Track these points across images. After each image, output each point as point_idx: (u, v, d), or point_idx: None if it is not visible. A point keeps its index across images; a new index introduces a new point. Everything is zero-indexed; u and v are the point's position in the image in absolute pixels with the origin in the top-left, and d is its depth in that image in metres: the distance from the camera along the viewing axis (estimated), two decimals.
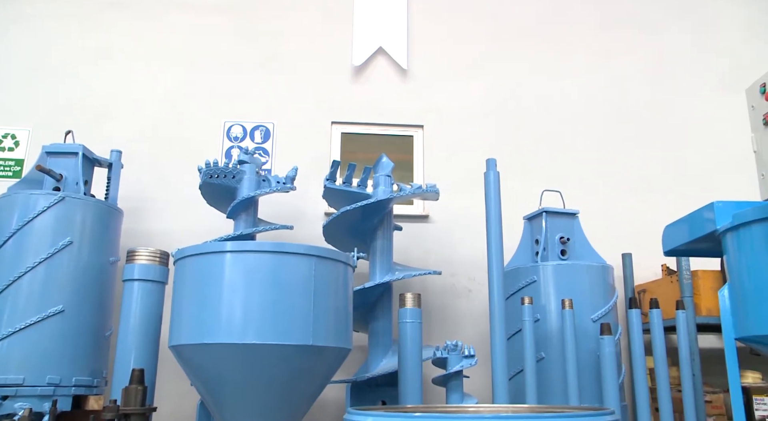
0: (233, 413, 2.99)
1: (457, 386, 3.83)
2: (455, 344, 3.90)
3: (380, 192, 4.45)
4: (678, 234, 3.28)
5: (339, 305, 3.21)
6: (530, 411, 2.74)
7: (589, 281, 4.40)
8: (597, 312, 4.30)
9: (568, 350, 4.03)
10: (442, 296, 5.19)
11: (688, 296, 4.40)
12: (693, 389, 4.14)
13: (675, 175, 5.61)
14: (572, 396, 3.96)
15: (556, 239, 4.57)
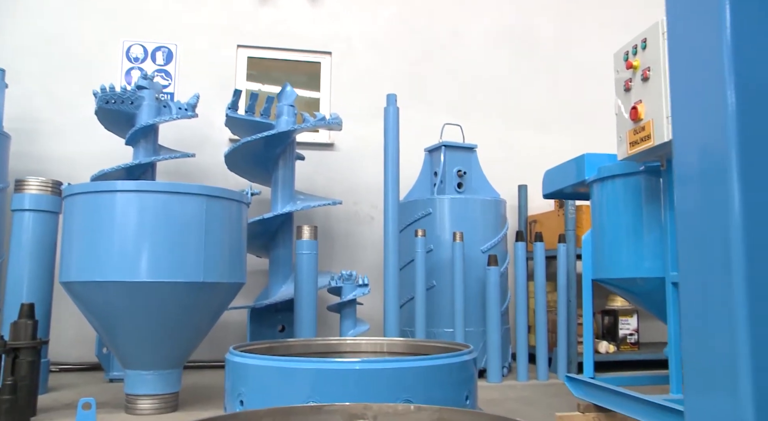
0: (126, 346, 3.10)
1: (350, 313, 4.08)
2: (350, 274, 4.11)
3: (283, 122, 4.46)
4: (555, 179, 3.51)
5: (232, 242, 3.30)
6: (404, 346, 2.99)
7: (482, 214, 4.65)
8: (487, 244, 4.59)
9: (456, 280, 4.32)
10: (346, 223, 5.36)
11: (571, 230, 4.74)
12: (567, 312, 4.57)
13: (575, 112, 5.85)
14: (458, 321, 4.30)
15: (454, 172, 4.76)
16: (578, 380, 3.09)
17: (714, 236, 0.65)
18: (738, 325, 0.59)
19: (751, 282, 0.59)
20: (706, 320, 0.66)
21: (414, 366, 2.24)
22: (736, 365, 0.58)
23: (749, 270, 0.59)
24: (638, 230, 2.82)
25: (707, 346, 0.65)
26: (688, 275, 0.69)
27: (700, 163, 0.70)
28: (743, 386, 0.57)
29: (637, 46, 2.54)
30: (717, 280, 0.64)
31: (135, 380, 3.11)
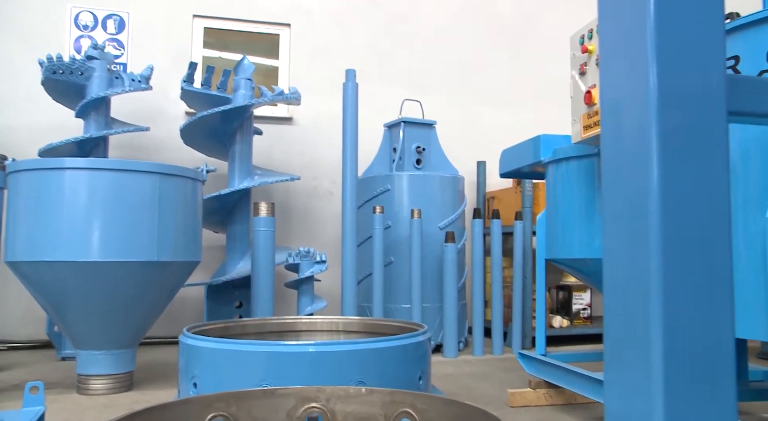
0: (77, 326, 3.05)
1: (307, 289, 4.07)
2: (307, 251, 4.10)
3: (240, 97, 4.38)
4: (512, 159, 3.53)
5: (187, 220, 3.25)
6: (359, 325, 3.01)
7: (441, 190, 4.68)
8: (445, 220, 4.62)
9: (414, 256, 4.35)
10: (305, 198, 5.33)
11: (528, 207, 4.80)
12: (522, 288, 4.66)
13: (536, 88, 5.88)
14: (415, 297, 4.34)
15: (413, 149, 4.76)
16: (530, 357, 3.17)
17: (634, 218, 0.66)
18: (652, 307, 0.61)
19: (667, 265, 0.60)
20: (624, 301, 0.67)
21: (368, 348, 2.25)
22: (649, 345, 0.60)
23: (665, 255, 0.60)
24: (590, 211, 2.87)
25: (624, 325, 0.67)
26: (610, 255, 0.71)
27: (624, 147, 0.71)
28: (655, 365, 0.59)
29: (593, 31, 2.56)
30: (635, 262, 0.65)
31: (87, 360, 3.07)
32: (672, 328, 0.62)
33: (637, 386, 0.65)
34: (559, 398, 2.99)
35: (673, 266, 0.62)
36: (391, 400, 2.01)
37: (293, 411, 2.00)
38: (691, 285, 0.63)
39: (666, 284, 0.63)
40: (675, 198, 0.63)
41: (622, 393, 0.68)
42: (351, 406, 2.03)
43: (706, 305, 0.64)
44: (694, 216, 0.63)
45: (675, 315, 0.63)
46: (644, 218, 0.64)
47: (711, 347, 0.63)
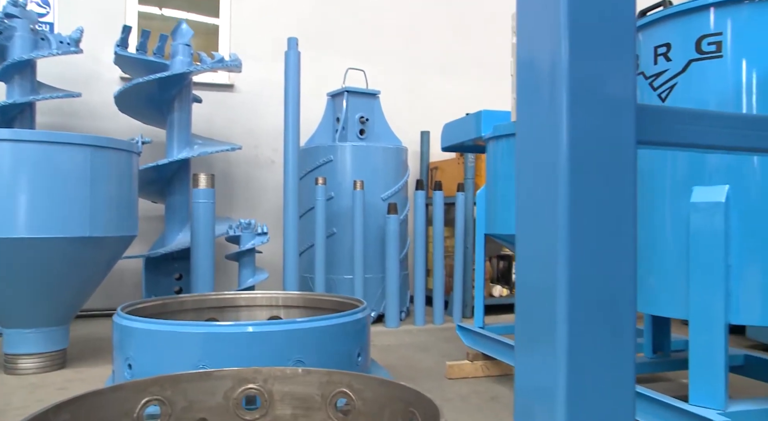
0: (3, 304, 2.94)
1: (249, 262, 4.04)
2: (248, 223, 4.05)
3: (178, 63, 4.22)
4: (454, 134, 3.55)
5: (121, 194, 3.15)
6: (300, 300, 3.01)
7: (384, 161, 4.67)
8: (387, 191, 4.63)
9: (356, 227, 4.35)
10: (246, 167, 5.24)
11: (470, 178, 4.85)
12: (464, 259, 4.74)
13: (481, 59, 5.88)
14: (358, 268, 4.36)
15: (356, 119, 4.71)
16: (468, 330, 3.24)
17: (543, 194, 0.67)
18: (558, 285, 0.62)
19: (573, 244, 0.61)
20: (533, 279, 0.69)
21: (306, 327, 2.26)
22: (555, 324, 0.62)
23: (572, 235, 0.61)
24: None
25: (533, 303, 0.69)
26: (521, 234, 0.71)
27: (533, 125, 0.71)
28: (560, 345, 0.61)
29: None
30: (544, 241, 0.67)
31: (15, 338, 2.97)
32: (576, 310, 0.63)
33: (544, 368, 0.67)
34: (495, 370, 3.08)
35: (580, 248, 0.64)
36: (329, 380, 2.03)
37: (230, 393, 1.99)
38: (596, 267, 0.64)
39: (572, 264, 0.64)
40: (582, 177, 0.63)
41: (530, 369, 0.69)
42: (288, 386, 2.04)
43: (611, 290, 0.65)
44: (600, 194, 0.63)
45: (580, 299, 0.64)
46: (552, 197, 0.64)
47: (614, 325, 0.65)
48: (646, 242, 2.14)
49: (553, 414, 0.63)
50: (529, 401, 0.68)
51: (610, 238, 0.63)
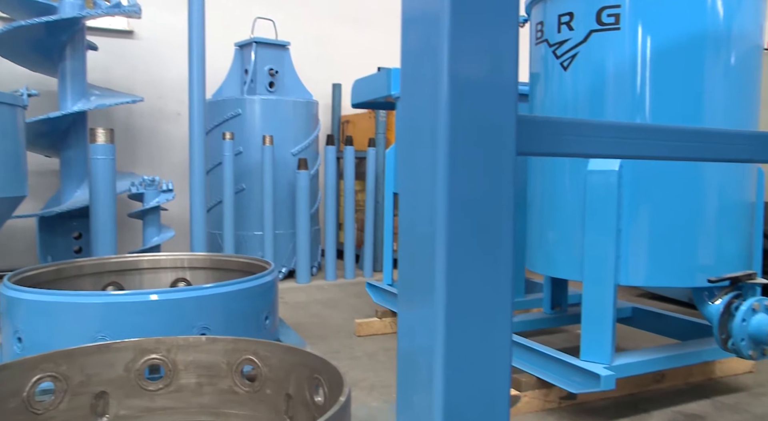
0: None
1: (154, 220, 3.90)
2: (152, 179, 3.89)
3: (68, 6, 3.90)
4: (364, 91, 3.51)
5: (6, 151, 2.93)
6: (206, 261, 2.94)
7: (294, 115, 4.57)
8: (298, 146, 4.55)
9: (266, 183, 4.27)
10: (150, 119, 4.99)
11: (381, 133, 4.84)
12: (375, 213, 4.77)
13: (394, 11, 5.78)
14: (267, 225, 4.30)
15: (265, 71, 4.56)
16: (377, 287, 3.29)
17: (422, 155, 0.67)
18: (437, 243, 0.63)
19: (451, 203, 0.62)
20: (413, 236, 0.70)
21: (211, 294, 2.22)
22: (434, 280, 0.63)
23: (450, 199, 0.62)
24: None
25: (413, 259, 0.70)
26: (403, 193, 0.72)
27: (413, 85, 0.70)
28: (438, 300, 0.63)
29: None
30: (422, 199, 0.67)
31: None
32: (454, 267, 0.64)
33: (424, 323, 0.68)
34: None
35: (457, 207, 0.64)
36: (234, 348, 2.02)
37: (131, 364, 1.94)
38: (475, 225, 0.65)
39: (450, 219, 0.64)
40: (460, 137, 0.63)
41: (411, 324, 0.70)
42: (192, 355, 2.01)
43: (490, 246, 0.66)
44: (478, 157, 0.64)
45: (459, 252, 0.65)
46: (432, 159, 0.64)
47: (493, 282, 0.66)
48: (546, 209, 2.22)
49: (432, 369, 0.64)
50: (410, 357, 0.69)
51: (488, 198, 0.63)
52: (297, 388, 1.91)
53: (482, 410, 0.66)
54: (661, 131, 0.70)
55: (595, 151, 0.66)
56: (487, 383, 0.65)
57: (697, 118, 1.98)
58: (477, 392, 0.65)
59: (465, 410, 0.64)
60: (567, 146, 0.64)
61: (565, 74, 2.12)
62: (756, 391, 2.38)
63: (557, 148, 0.64)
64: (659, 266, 2.01)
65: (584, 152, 0.66)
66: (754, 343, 1.93)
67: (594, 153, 0.66)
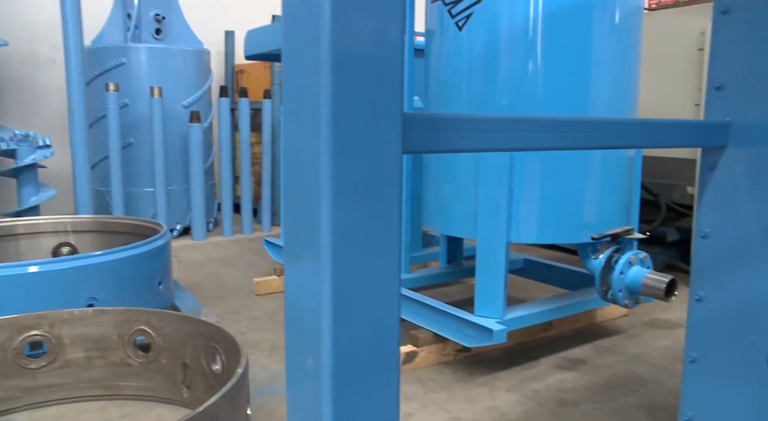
0: None
1: (30, 178, 3.61)
2: (26, 134, 3.58)
3: None
4: (258, 42, 3.37)
5: None
6: (91, 224, 2.78)
7: (184, 65, 4.32)
8: (189, 98, 4.33)
9: (156, 137, 4.05)
10: (19, 66, 4.56)
11: (277, 84, 4.69)
12: (272, 166, 4.66)
13: None
14: (159, 181, 4.11)
15: (151, 17, 4.26)
16: (274, 244, 3.25)
17: (306, 112, 0.65)
18: (322, 196, 0.61)
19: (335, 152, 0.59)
20: (296, 192, 0.67)
21: (99, 262, 2.10)
22: (319, 236, 0.61)
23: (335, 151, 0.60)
24: None
25: (298, 216, 0.67)
26: (286, 145, 0.69)
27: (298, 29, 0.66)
28: (324, 256, 0.61)
29: None
30: (308, 151, 0.65)
31: None
32: (340, 225, 0.62)
33: (310, 280, 0.66)
34: None
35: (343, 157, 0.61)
36: (124, 319, 1.94)
37: (8, 343, 1.82)
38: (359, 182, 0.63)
39: (335, 167, 0.60)
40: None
41: (298, 278, 0.68)
42: (79, 329, 1.91)
43: (376, 199, 0.63)
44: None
45: (343, 217, 0.62)
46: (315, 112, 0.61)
47: (380, 235, 0.64)
48: (441, 170, 2.25)
49: (319, 323, 0.62)
50: (298, 316, 0.67)
51: (374, 154, 0.61)
52: (194, 357, 1.87)
53: (373, 368, 0.65)
54: (546, 123, 0.71)
55: (484, 146, 0.66)
56: (377, 339, 0.64)
57: (585, 75, 2.05)
58: (367, 350, 0.63)
59: (355, 369, 0.63)
60: (452, 143, 0.64)
61: (460, 34, 2.11)
62: (630, 333, 2.59)
63: (442, 145, 0.63)
64: (548, 224, 2.10)
65: (474, 148, 0.65)
66: (629, 293, 2.08)
67: (483, 148, 0.66)
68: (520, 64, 2.03)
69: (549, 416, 1.87)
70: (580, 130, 0.75)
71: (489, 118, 0.66)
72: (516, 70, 2.04)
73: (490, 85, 2.09)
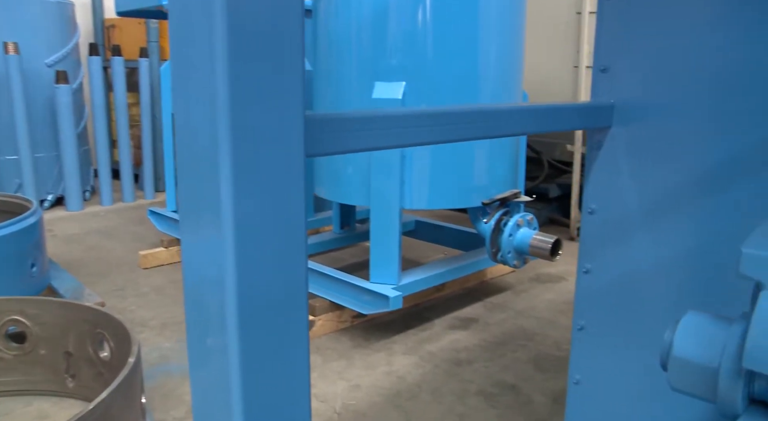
0: None
1: None
2: None
3: None
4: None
5: None
6: None
7: (44, 18, 3.94)
8: (53, 56, 3.97)
9: (16, 100, 3.69)
10: None
11: (154, 41, 4.39)
12: (152, 129, 4.40)
13: None
14: (23, 148, 3.76)
15: None
16: (161, 215, 3.10)
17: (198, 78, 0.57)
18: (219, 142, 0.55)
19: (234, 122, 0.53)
20: (192, 157, 0.60)
21: None
22: (219, 203, 0.55)
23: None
24: None
25: (195, 181, 0.60)
26: (180, 114, 0.61)
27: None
28: (225, 223, 0.55)
29: None
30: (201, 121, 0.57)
31: None
32: (242, 192, 0.55)
33: (210, 249, 0.59)
34: None
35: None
36: None
37: None
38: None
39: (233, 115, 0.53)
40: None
41: (197, 249, 0.62)
42: None
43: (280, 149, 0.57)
44: None
45: (245, 182, 0.55)
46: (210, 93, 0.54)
47: (283, 204, 0.58)
48: None
49: (224, 304, 0.57)
50: (198, 290, 0.62)
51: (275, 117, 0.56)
52: (78, 345, 1.76)
53: (283, 340, 0.61)
54: (440, 115, 0.70)
55: (383, 144, 0.64)
56: (285, 308, 0.60)
57: (473, 34, 2.06)
58: (275, 321, 0.59)
59: (264, 342, 0.59)
60: (354, 143, 0.61)
61: None
62: (517, 289, 2.72)
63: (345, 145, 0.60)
64: (439, 190, 2.13)
65: (372, 146, 0.63)
66: (518, 254, 2.17)
67: (382, 146, 0.64)
68: (410, 24, 2.01)
69: (444, 377, 1.94)
70: (480, 119, 0.75)
71: (386, 115, 0.64)
72: (405, 30, 2.02)
73: (380, 46, 2.06)
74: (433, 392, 1.85)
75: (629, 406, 1.07)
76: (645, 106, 0.98)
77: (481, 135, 0.76)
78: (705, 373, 0.52)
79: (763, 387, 0.50)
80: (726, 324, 0.53)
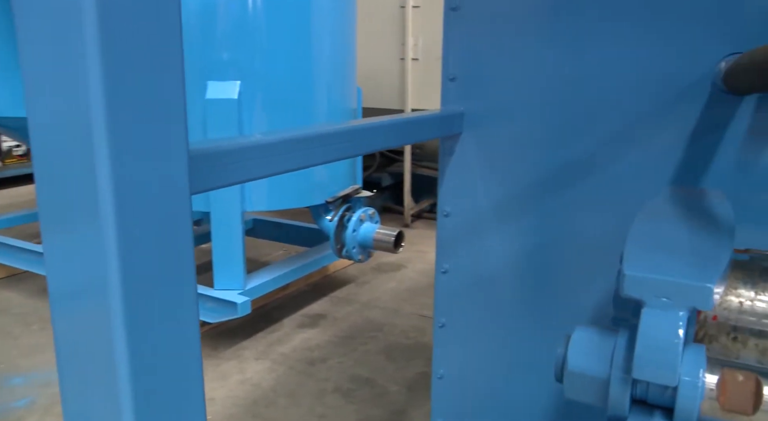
0: None
1: None
2: None
3: None
4: None
5: None
6: None
7: None
8: None
9: None
10: None
11: None
12: None
13: None
14: None
15: None
16: None
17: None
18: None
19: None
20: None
21: None
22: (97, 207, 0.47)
23: None
24: (9, 62, 2.45)
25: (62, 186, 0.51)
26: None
27: None
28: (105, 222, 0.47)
29: None
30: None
31: None
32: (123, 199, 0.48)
33: (84, 249, 0.51)
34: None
35: None
36: None
37: None
38: None
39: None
40: None
41: (66, 259, 0.53)
42: None
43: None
44: None
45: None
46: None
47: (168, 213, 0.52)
48: None
49: (108, 308, 0.50)
50: (70, 302, 0.53)
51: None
52: None
53: (174, 360, 0.54)
54: (314, 138, 0.69)
55: (263, 172, 0.61)
56: (175, 330, 0.54)
57: (305, 27, 2.04)
58: (166, 343, 0.52)
59: (157, 362, 0.52)
60: (238, 174, 0.57)
61: None
62: (360, 280, 2.77)
63: (231, 178, 0.57)
64: (279, 190, 2.10)
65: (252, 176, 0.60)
66: (362, 248, 2.20)
67: (265, 174, 0.61)
68: (239, 17, 1.94)
69: (300, 378, 1.93)
70: (353, 138, 0.75)
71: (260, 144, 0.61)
72: (236, 23, 1.95)
73: (210, 39, 1.96)
74: (290, 395, 1.83)
75: (491, 396, 1.14)
76: (490, 113, 1.04)
77: (352, 153, 0.76)
78: (596, 383, 0.57)
79: (643, 389, 0.56)
80: (611, 337, 0.58)
